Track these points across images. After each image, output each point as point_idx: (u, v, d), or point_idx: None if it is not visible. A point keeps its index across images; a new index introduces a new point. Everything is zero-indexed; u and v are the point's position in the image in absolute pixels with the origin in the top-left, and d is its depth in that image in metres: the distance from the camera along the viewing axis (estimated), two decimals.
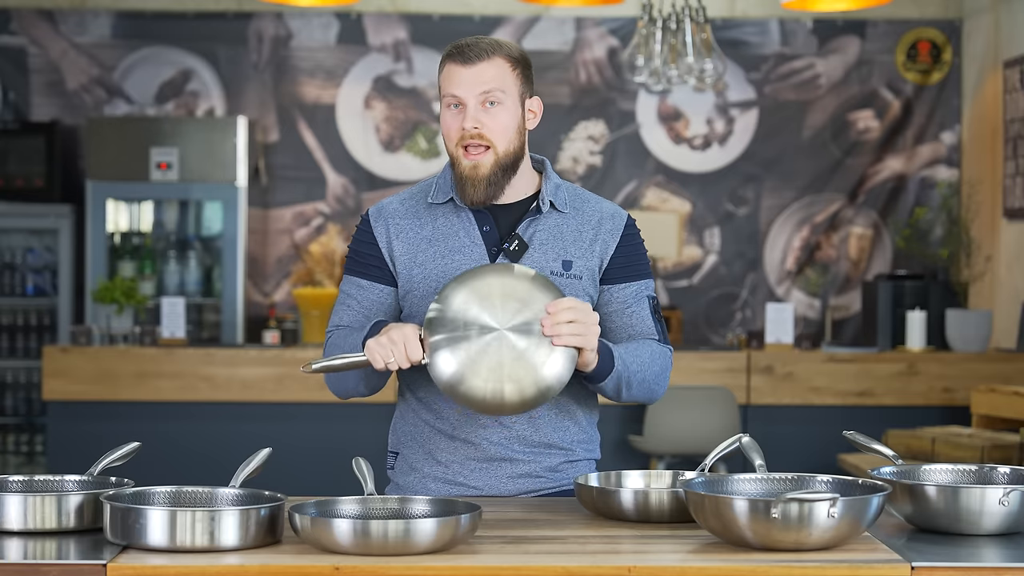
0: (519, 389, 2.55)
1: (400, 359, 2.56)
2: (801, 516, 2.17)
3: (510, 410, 2.59)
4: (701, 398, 6.45)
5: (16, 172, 7.64)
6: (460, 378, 2.55)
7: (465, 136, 2.70)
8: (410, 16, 7.91)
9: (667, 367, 2.79)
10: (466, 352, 2.55)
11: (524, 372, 2.55)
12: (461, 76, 2.70)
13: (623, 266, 2.80)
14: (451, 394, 2.57)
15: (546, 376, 2.56)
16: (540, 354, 2.55)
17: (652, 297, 2.82)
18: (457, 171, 2.73)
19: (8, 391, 7.73)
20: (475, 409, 2.59)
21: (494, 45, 2.72)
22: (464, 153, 2.71)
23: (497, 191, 2.74)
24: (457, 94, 2.70)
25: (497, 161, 2.72)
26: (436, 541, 2.19)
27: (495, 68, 2.70)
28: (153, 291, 7.50)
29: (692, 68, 6.80)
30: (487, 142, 2.70)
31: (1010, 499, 2.32)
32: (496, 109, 2.70)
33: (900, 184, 7.97)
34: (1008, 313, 7.24)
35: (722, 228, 8.00)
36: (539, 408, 2.71)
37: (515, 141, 2.73)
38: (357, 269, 2.82)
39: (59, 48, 7.84)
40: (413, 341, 2.56)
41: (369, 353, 2.58)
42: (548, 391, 2.57)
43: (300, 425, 6.56)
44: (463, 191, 2.73)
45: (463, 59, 2.70)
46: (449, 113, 2.72)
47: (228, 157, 7.48)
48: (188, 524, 2.19)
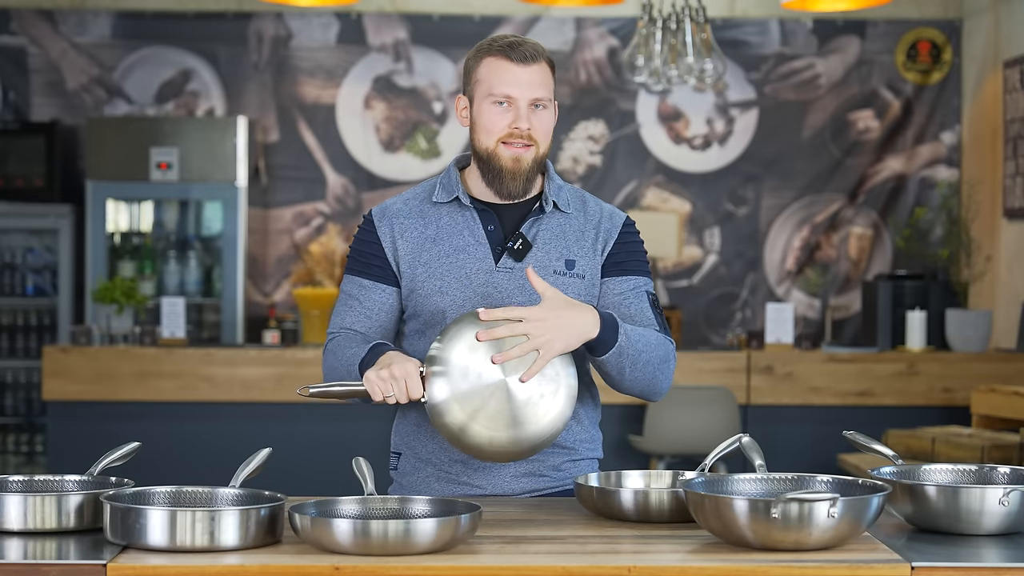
0: (515, 438, 2.58)
1: (400, 395, 2.57)
2: (801, 516, 2.17)
3: (504, 458, 2.62)
4: (701, 398, 6.45)
5: (16, 172, 7.64)
6: (459, 422, 2.56)
7: (515, 134, 2.72)
8: (410, 16, 7.91)
9: (670, 358, 2.76)
10: (468, 398, 2.56)
11: (523, 423, 2.57)
12: (516, 75, 2.72)
13: (621, 261, 2.81)
14: (448, 437, 2.58)
15: (544, 429, 2.58)
16: (541, 407, 2.58)
17: (651, 293, 2.82)
18: (494, 165, 2.75)
19: (8, 391, 7.73)
20: (471, 454, 2.61)
21: (539, 48, 2.76)
22: (506, 147, 2.73)
23: (529, 188, 2.78)
24: (511, 94, 2.72)
25: (536, 158, 2.76)
26: (436, 541, 2.19)
27: (543, 72, 2.74)
28: (153, 291, 7.50)
29: (692, 68, 6.80)
30: (532, 141, 2.74)
31: (1010, 499, 2.32)
32: (543, 112, 2.75)
33: (900, 184, 7.97)
34: (1008, 313, 7.24)
35: (722, 228, 8.00)
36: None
37: (550, 143, 2.79)
38: (359, 269, 2.82)
39: (59, 48, 7.84)
40: (415, 379, 2.57)
41: (368, 385, 2.59)
42: (543, 443, 2.60)
43: (300, 425, 6.56)
44: (500, 184, 2.75)
45: (519, 58, 2.72)
46: (496, 110, 2.73)
47: (228, 157, 7.48)
48: (188, 524, 2.19)
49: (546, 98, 2.74)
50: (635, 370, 2.68)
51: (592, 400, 2.87)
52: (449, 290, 2.75)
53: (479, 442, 2.57)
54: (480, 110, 2.75)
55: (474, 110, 2.77)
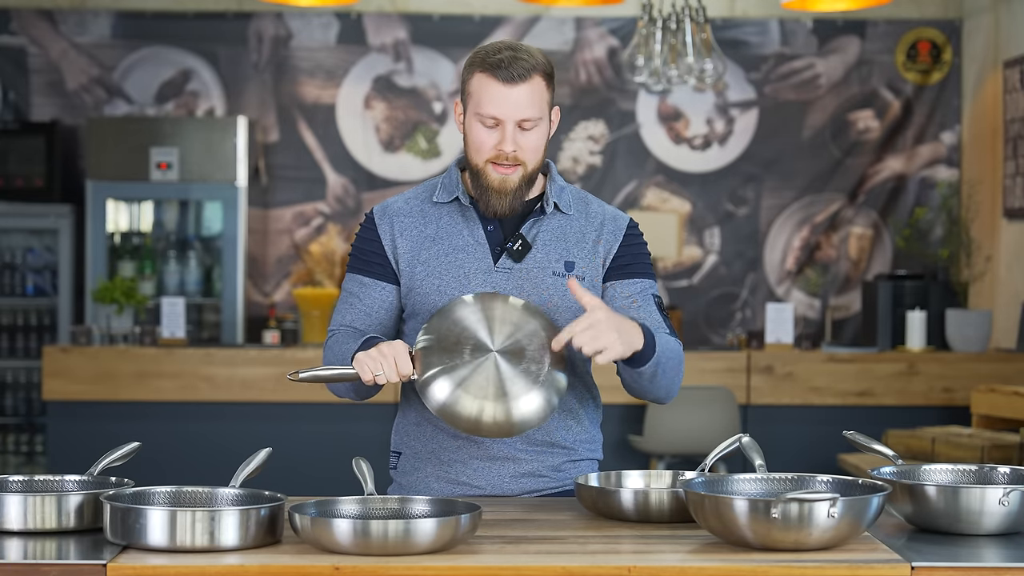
0: (503, 411, 2.57)
1: (390, 374, 2.57)
2: (801, 516, 2.17)
3: (496, 432, 2.61)
4: (701, 398, 6.45)
5: (16, 172, 7.64)
6: (448, 396, 2.56)
7: (500, 156, 2.71)
8: (410, 16, 7.91)
9: (682, 360, 2.77)
10: (458, 372, 2.57)
11: (510, 396, 2.57)
12: (502, 97, 2.68)
13: (627, 264, 2.81)
14: (438, 411, 2.58)
15: (533, 402, 2.58)
16: (526, 383, 2.58)
17: (657, 295, 2.82)
18: (483, 182, 2.74)
19: (8, 391, 7.73)
20: (459, 428, 2.60)
21: (532, 62, 2.70)
22: (494, 167, 2.72)
23: (519, 202, 2.76)
24: (498, 116, 2.69)
25: (524, 175, 2.74)
26: (436, 541, 2.19)
27: (534, 89, 2.70)
28: (153, 291, 7.50)
29: (692, 68, 6.80)
30: (520, 162, 2.72)
31: (1010, 499, 2.32)
32: (531, 132, 2.72)
33: (900, 184, 7.97)
34: (1008, 313, 7.24)
35: (722, 228, 8.00)
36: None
37: (542, 156, 2.77)
38: (360, 267, 2.83)
39: (59, 48, 7.84)
40: (404, 356, 2.57)
41: (358, 366, 2.58)
42: (532, 416, 2.59)
43: (300, 425, 6.56)
44: (487, 202, 2.75)
45: (506, 78, 2.68)
46: (483, 130, 2.71)
47: (228, 157, 7.48)
48: (188, 524, 2.19)
49: (535, 117, 2.71)
50: (664, 377, 2.70)
51: (593, 401, 2.87)
52: (447, 289, 2.75)
53: (468, 414, 2.57)
54: (470, 125, 2.74)
55: (466, 122, 2.76)
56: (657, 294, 2.83)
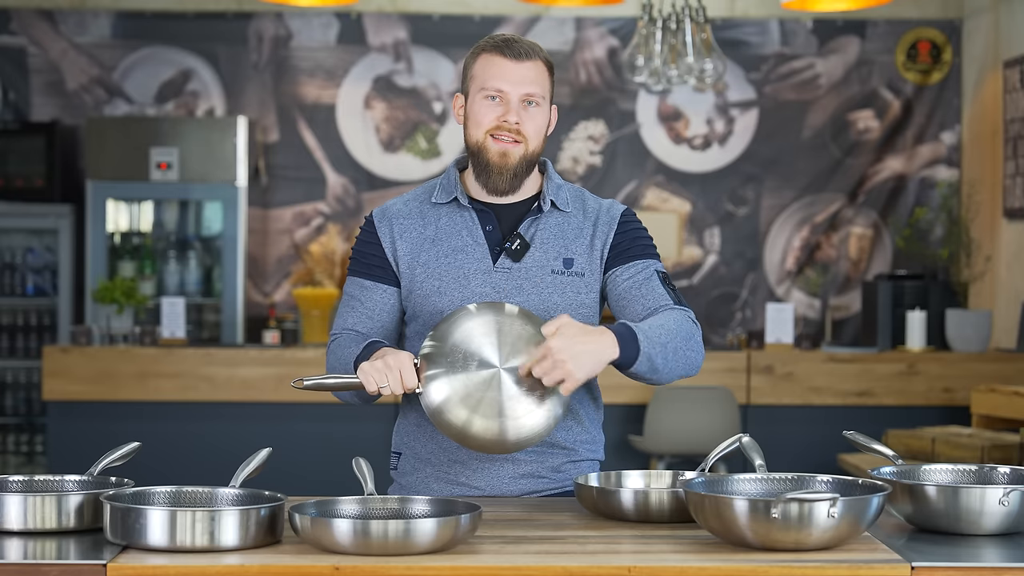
0: (504, 429, 2.55)
1: (395, 386, 2.56)
2: (801, 516, 2.17)
3: (496, 449, 2.59)
4: (701, 398, 6.45)
5: (16, 172, 7.64)
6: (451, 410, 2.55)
7: (503, 127, 2.72)
8: (410, 16, 7.91)
9: (694, 331, 2.69)
10: (463, 385, 2.55)
11: (513, 414, 2.55)
12: (508, 71, 2.72)
13: (625, 248, 2.80)
14: (440, 424, 2.57)
15: (536, 423, 2.56)
16: (531, 400, 2.56)
17: (661, 271, 2.80)
18: (482, 159, 2.75)
19: (8, 391, 7.73)
20: (465, 444, 2.59)
21: (535, 46, 2.76)
22: (494, 140, 2.73)
23: (518, 185, 2.77)
24: (502, 88, 2.72)
25: (525, 156, 2.75)
26: (436, 541, 2.19)
27: (537, 70, 2.74)
28: (153, 291, 7.50)
29: (692, 68, 6.80)
30: (521, 137, 2.73)
31: (1010, 499, 2.31)
32: (534, 110, 2.74)
33: (900, 184, 7.97)
34: (1008, 313, 7.24)
35: (722, 228, 8.00)
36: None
37: (542, 143, 2.78)
38: (361, 270, 2.83)
39: (59, 48, 7.84)
40: (409, 368, 2.56)
41: (363, 376, 2.58)
42: (531, 437, 2.57)
43: (300, 425, 6.56)
44: (487, 179, 2.76)
45: (512, 54, 2.73)
46: (486, 103, 2.73)
47: (228, 157, 7.48)
48: (188, 524, 2.19)
49: (538, 95, 2.74)
50: (667, 362, 2.63)
51: (594, 402, 2.87)
52: (447, 290, 2.75)
53: (474, 432, 2.56)
54: (473, 104, 2.76)
55: (468, 105, 2.77)
56: (662, 270, 2.81)
